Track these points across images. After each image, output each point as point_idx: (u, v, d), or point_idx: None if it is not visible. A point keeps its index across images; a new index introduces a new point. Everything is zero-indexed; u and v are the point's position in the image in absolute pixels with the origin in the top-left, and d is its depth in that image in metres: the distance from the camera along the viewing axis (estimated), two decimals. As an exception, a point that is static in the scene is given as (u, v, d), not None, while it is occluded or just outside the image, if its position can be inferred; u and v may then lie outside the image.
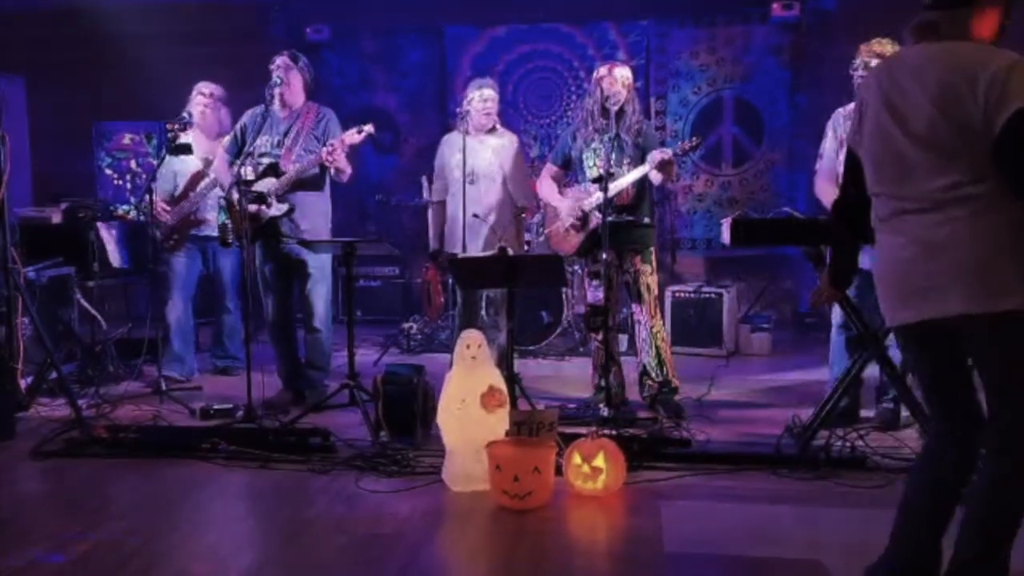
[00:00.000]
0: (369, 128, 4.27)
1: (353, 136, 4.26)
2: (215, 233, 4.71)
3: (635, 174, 4.15)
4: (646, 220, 4.27)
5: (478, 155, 4.65)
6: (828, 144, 3.99)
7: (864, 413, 4.02)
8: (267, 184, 4.31)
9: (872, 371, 3.76)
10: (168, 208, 5.05)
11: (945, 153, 2.03)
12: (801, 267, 6.35)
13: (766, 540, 2.76)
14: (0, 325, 4.08)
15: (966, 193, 2.01)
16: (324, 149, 4.26)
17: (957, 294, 2.02)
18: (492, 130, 4.71)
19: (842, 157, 3.39)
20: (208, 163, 4.97)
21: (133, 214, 7.49)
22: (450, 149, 4.76)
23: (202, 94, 5.13)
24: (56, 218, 5.82)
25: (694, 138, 4.29)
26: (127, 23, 7.13)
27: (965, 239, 2.01)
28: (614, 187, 4.04)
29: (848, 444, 3.46)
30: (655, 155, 4.07)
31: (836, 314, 4.03)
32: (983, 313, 2.00)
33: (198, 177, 5.02)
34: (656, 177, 4.15)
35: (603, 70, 4.24)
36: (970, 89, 1.97)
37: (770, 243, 4.32)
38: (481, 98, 4.62)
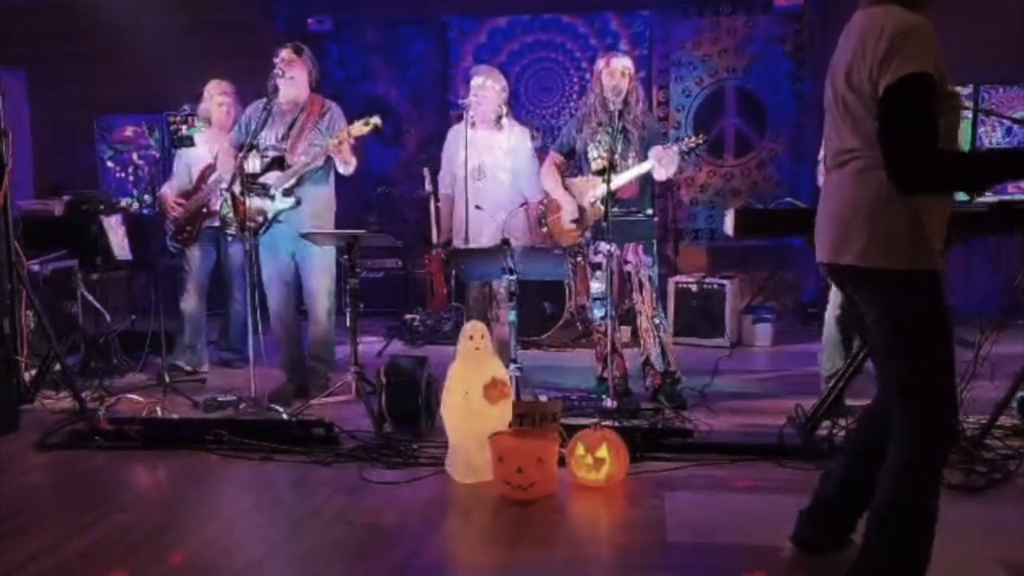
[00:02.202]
0: (376, 120, 4.25)
1: (360, 128, 4.25)
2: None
3: (638, 170, 4.14)
4: (648, 212, 4.26)
5: (487, 152, 4.58)
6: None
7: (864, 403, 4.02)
8: (273, 177, 4.31)
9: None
10: (182, 202, 5.07)
11: (849, 115, 2.09)
12: (804, 258, 6.35)
13: (769, 529, 2.76)
14: (4, 318, 4.09)
15: (855, 155, 2.09)
16: (331, 142, 4.25)
17: (825, 243, 2.19)
18: (499, 124, 4.60)
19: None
20: None
21: (136, 206, 7.50)
22: (455, 142, 4.71)
23: (224, 94, 5.12)
24: (59, 211, 5.82)
25: (699, 136, 4.21)
26: (129, 15, 7.12)
27: (838, 196, 2.14)
28: (617, 181, 4.03)
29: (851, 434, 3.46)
30: (657, 151, 4.05)
31: (831, 305, 4.03)
32: (834, 263, 2.15)
33: (209, 170, 5.02)
34: (660, 174, 4.14)
35: (601, 63, 4.23)
36: (864, 53, 2.00)
37: (773, 234, 4.32)
38: (473, 86, 4.56)
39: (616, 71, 4.16)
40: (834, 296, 4.01)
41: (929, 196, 2.01)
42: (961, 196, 3.28)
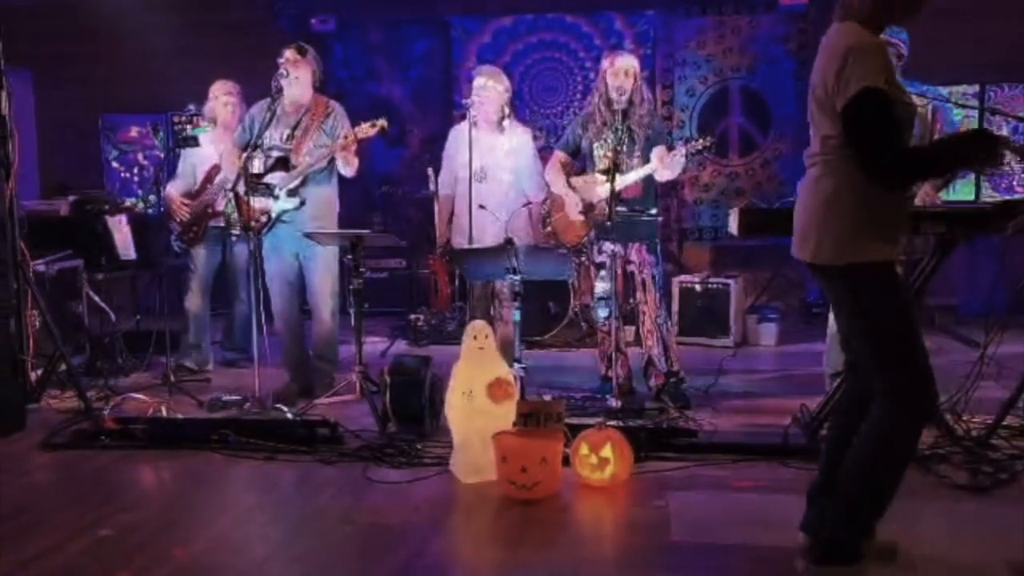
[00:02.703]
0: (382, 122, 4.25)
1: (366, 130, 4.25)
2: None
3: (642, 172, 4.13)
4: (652, 211, 4.26)
5: (490, 154, 4.56)
6: None
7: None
8: (277, 177, 4.31)
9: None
10: (188, 202, 5.08)
11: (814, 123, 2.37)
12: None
13: (774, 529, 2.76)
14: (10, 318, 4.10)
15: (813, 161, 2.38)
16: (337, 143, 4.26)
17: (794, 240, 2.44)
18: (501, 125, 4.59)
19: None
20: None
21: (141, 206, 7.52)
22: (458, 142, 4.68)
23: (230, 94, 5.13)
24: (64, 211, 5.83)
25: (706, 138, 4.19)
26: (133, 16, 7.13)
27: (801, 198, 2.43)
28: (621, 181, 4.03)
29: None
30: (660, 151, 4.05)
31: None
32: (799, 259, 2.41)
33: (215, 170, 5.03)
34: (663, 175, 4.13)
35: (606, 62, 4.21)
36: (825, 69, 2.25)
37: (777, 233, 4.29)
38: (475, 87, 4.55)
39: (621, 70, 4.15)
40: None
41: (878, 197, 2.23)
42: (965, 195, 3.28)
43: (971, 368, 3.36)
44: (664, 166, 4.07)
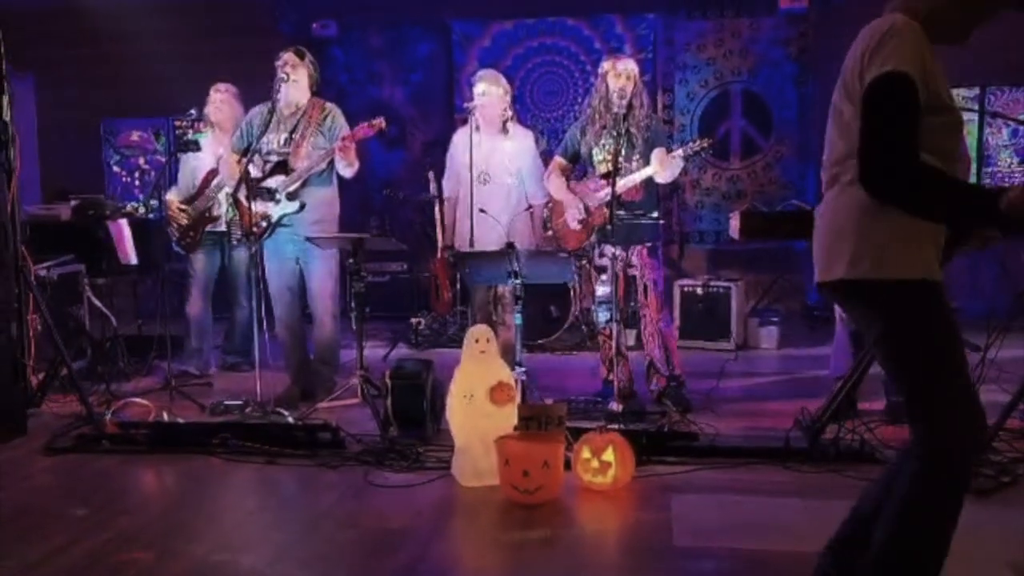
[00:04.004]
0: (380, 122, 4.27)
1: (365, 130, 4.26)
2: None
3: (642, 174, 4.14)
4: (653, 215, 4.26)
5: (492, 157, 4.58)
6: None
7: (874, 406, 4.01)
8: (277, 181, 4.32)
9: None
10: (185, 208, 5.09)
11: (841, 126, 2.01)
12: (809, 260, 6.32)
13: (776, 533, 2.76)
14: (11, 322, 4.10)
15: (843, 167, 2.00)
16: (336, 144, 4.27)
17: (818, 263, 2.10)
18: (504, 128, 4.60)
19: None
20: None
21: (142, 211, 7.53)
22: (461, 146, 4.70)
23: (217, 91, 5.16)
24: (65, 215, 5.84)
25: (705, 139, 4.19)
26: (135, 20, 7.15)
27: (829, 211, 2.06)
28: (621, 184, 4.03)
29: (857, 437, 3.45)
30: (659, 154, 4.05)
31: (840, 308, 4.02)
32: (827, 282, 2.05)
33: (212, 175, 5.04)
34: (662, 177, 4.14)
35: (607, 65, 4.22)
36: (859, 57, 1.91)
37: (778, 236, 4.31)
38: (476, 93, 4.57)
39: (622, 74, 4.15)
40: None
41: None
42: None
43: (972, 372, 3.35)
44: (663, 167, 4.08)
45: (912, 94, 1.82)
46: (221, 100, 5.15)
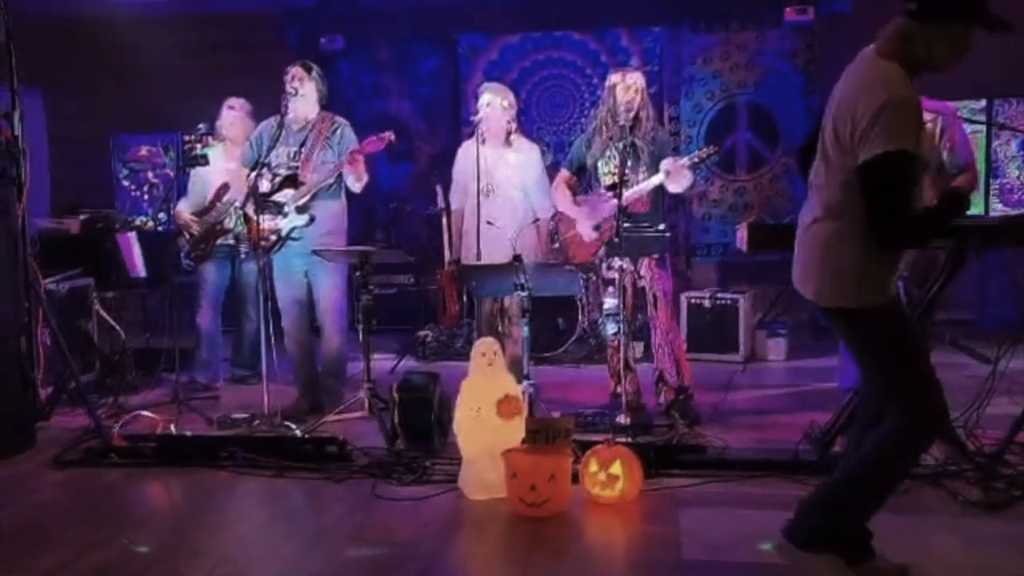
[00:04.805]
0: (389, 136, 4.29)
1: (374, 144, 4.28)
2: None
3: (651, 182, 4.14)
4: (661, 227, 4.26)
5: (497, 169, 4.58)
6: None
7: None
8: (286, 195, 4.33)
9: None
10: (197, 219, 5.12)
11: (827, 159, 2.30)
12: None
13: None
14: (20, 336, 4.12)
15: (817, 196, 2.36)
16: (346, 157, 4.28)
17: (795, 271, 2.48)
18: (509, 141, 4.61)
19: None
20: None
21: (151, 224, 7.56)
22: (466, 159, 4.72)
23: (231, 108, 5.20)
24: (74, 229, 5.87)
25: (710, 147, 4.24)
26: (143, 35, 7.20)
27: (806, 234, 2.41)
28: (629, 195, 4.03)
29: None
30: (667, 163, 4.06)
31: None
32: (810, 299, 2.43)
33: (224, 188, 5.06)
34: (672, 187, 4.14)
35: (615, 77, 4.23)
36: (854, 111, 2.17)
37: (786, 248, 4.29)
38: (480, 104, 4.58)
39: (631, 87, 4.16)
40: None
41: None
42: (975, 210, 3.26)
43: (983, 384, 3.34)
44: (674, 173, 4.07)
45: (909, 168, 2.14)
46: (235, 117, 5.18)
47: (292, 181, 4.35)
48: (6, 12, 4.03)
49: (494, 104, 4.54)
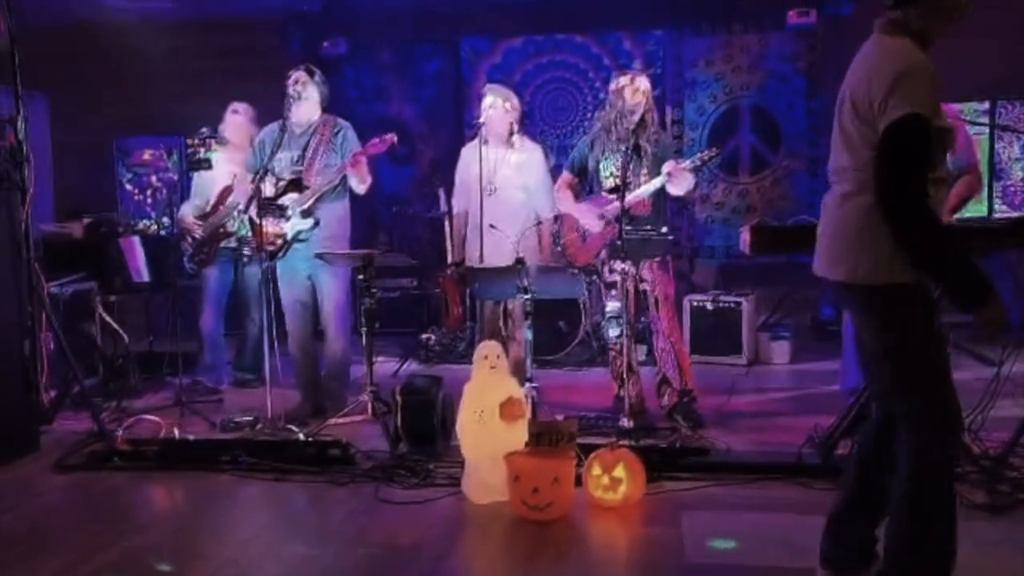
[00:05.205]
0: (391, 138, 4.30)
1: (377, 146, 4.29)
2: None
3: (652, 186, 4.14)
4: (663, 230, 4.26)
5: (499, 169, 4.59)
6: None
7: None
8: (290, 199, 4.34)
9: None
10: (200, 223, 5.13)
11: (847, 140, 2.26)
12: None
13: (789, 550, 2.73)
14: (24, 340, 4.12)
15: (843, 177, 2.28)
16: (348, 160, 4.29)
17: (820, 258, 2.40)
18: (511, 141, 4.62)
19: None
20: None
21: (154, 228, 7.58)
22: (469, 161, 4.72)
23: (236, 112, 5.21)
24: (78, 233, 5.88)
25: (712, 149, 4.25)
26: (147, 40, 7.21)
27: (830, 215, 2.35)
28: (631, 197, 4.03)
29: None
30: (669, 166, 4.06)
31: (849, 322, 4.00)
32: (827, 279, 2.35)
33: (227, 192, 5.07)
34: (674, 189, 4.14)
35: (624, 80, 4.22)
36: (871, 84, 2.15)
37: (789, 251, 4.29)
38: (484, 106, 4.59)
39: (638, 90, 4.17)
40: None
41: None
42: (978, 212, 3.26)
43: (987, 386, 3.33)
44: (675, 175, 4.07)
45: (925, 134, 2.09)
46: (239, 121, 5.19)
47: (296, 185, 4.36)
48: (10, 17, 4.04)
49: (497, 105, 4.55)
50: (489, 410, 3.27)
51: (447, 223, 5.31)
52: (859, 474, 2.42)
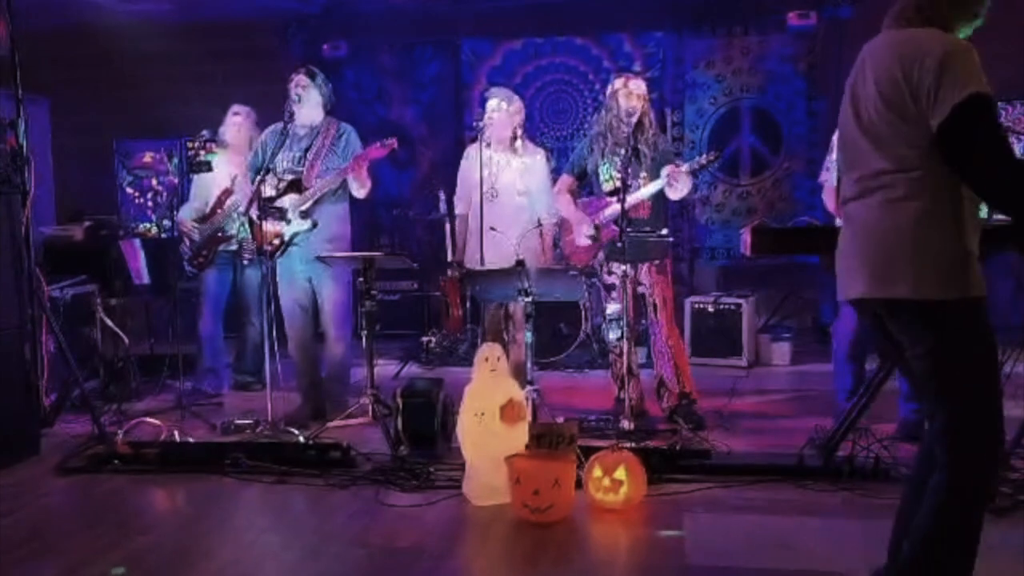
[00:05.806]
0: (392, 142, 4.30)
1: (377, 151, 4.29)
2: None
3: (650, 189, 4.14)
4: (663, 232, 4.26)
5: (502, 173, 4.59)
6: (836, 156, 3.97)
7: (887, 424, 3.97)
8: (290, 200, 4.34)
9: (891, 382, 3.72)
10: (198, 226, 5.13)
11: (878, 140, 2.05)
12: (821, 276, 6.31)
13: (790, 552, 2.73)
14: (25, 343, 4.13)
15: (883, 182, 2.03)
16: (349, 163, 4.29)
17: (862, 276, 2.09)
18: (514, 145, 4.61)
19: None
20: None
21: (154, 231, 7.58)
22: (471, 163, 4.72)
23: (236, 114, 5.22)
24: (78, 236, 5.88)
25: (711, 153, 4.25)
26: (147, 43, 7.22)
27: (870, 226, 2.07)
28: (629, 200, 4.04)
29: (872, 455, 3.42)
30: (668, 169, 4.06)
31: (840, 323, 4.02)
32: (879, 298, 2.06)
33: (226, 194, 5.08)
34: (672, 193, 4.14)
35: (618, 83, 4.23)
36: (905, 76, 1.97)
37: (790, 252, 4.30)
38: (488, 109, 4.60)
39: (633, 92, 4.17)
40: (846, 318, 3.98)
41: (971, 218, 1.98)
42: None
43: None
44: (674, 179, 4.08)
45: (994, 108, 1.94)
46: (240, 124, 5.19)
47: (296, 186, 4.36)
48: (11, 20, 4.05)
49: (500, 109, 4.55)
50: (490, 412, 3.26)
51: (448, 225, 5.31)
52: (914, 487, 2.21)
